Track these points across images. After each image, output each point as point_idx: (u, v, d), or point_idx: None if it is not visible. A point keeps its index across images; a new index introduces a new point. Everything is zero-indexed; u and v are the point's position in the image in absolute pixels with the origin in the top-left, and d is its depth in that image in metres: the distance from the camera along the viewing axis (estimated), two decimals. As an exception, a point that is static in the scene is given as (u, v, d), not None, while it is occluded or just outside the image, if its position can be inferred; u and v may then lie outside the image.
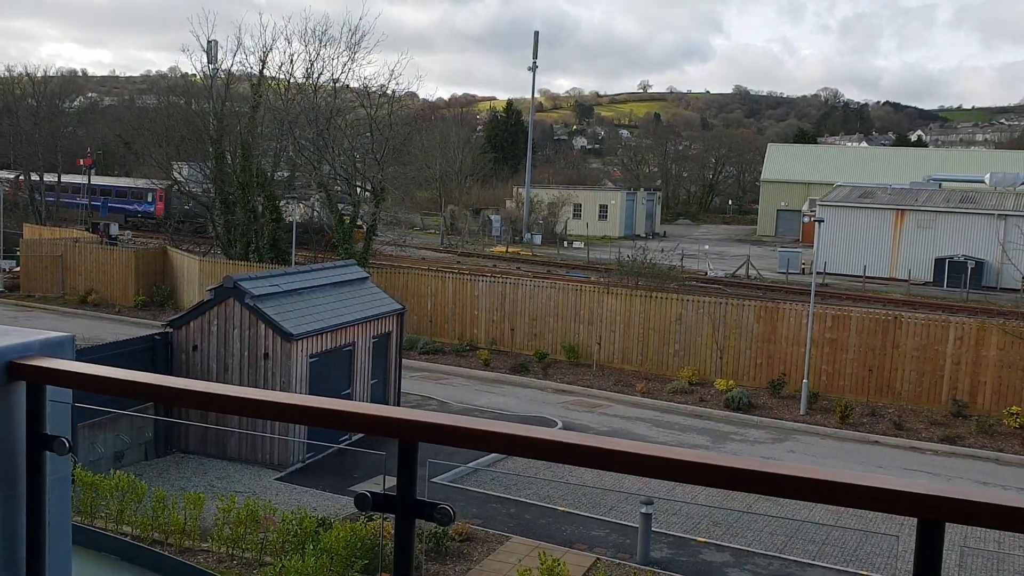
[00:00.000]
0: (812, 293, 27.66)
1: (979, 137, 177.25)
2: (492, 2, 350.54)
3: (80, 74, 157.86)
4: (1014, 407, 25.23)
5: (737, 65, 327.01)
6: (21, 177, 62.33)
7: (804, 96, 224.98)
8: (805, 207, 75.09)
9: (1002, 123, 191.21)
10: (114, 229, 50.52)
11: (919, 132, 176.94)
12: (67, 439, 2.00)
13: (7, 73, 71.01)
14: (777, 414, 26.34)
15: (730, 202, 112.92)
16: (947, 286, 50.95)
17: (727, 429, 25.09)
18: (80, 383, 2.00)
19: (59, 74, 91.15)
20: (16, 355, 1.97)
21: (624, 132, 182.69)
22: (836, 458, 22.87)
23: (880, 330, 27.77)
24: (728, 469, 1.47)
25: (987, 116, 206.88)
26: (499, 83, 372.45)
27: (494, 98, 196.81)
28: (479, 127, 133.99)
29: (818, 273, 33.62)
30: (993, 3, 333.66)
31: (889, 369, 27.60)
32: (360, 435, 17.74)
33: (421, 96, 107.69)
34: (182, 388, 1.92)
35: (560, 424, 24.18)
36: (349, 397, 20.87)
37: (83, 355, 17.87)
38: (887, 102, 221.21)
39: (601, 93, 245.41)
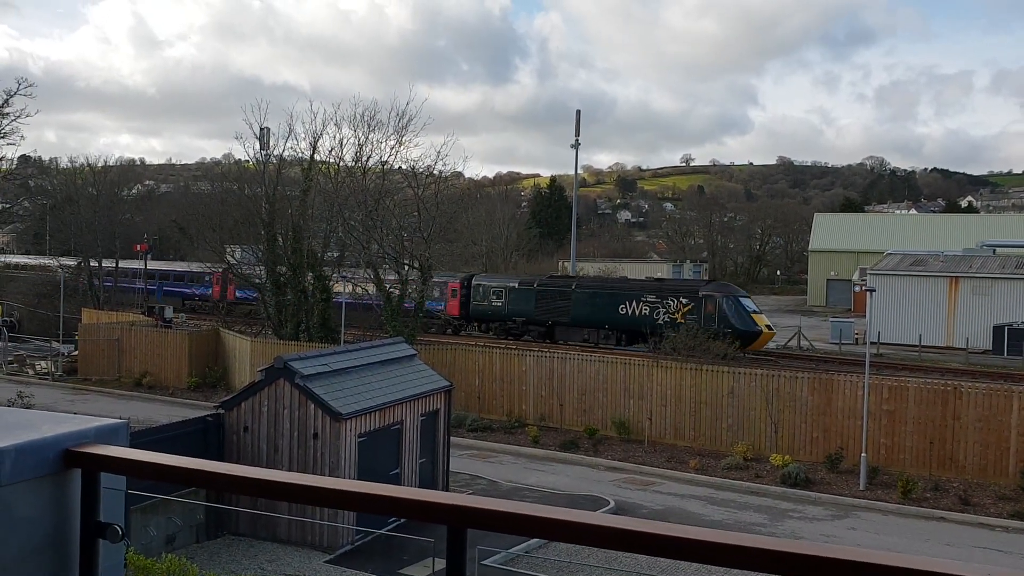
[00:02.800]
0: (867, 363, 27.04)
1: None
2: (529, 83, 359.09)
3: (138, 163, 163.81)
4: (1087, 480, 24.16)
5: (776, 136, 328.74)
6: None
7: (849, 165, 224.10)
8: (855, 276, 74.05)
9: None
10: (168, 312, 51.62)
11: (969, 198, 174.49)
12: (120, 526, 2.01)
13: (70, 164, 74.01)
14: (836, 490, 25.53)
15: (778, 272, 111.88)
16: (1008, 354, 49.43)
17: (784, 506, 24.35)
18: (134, 470, 2.02)
19: (118, 163, 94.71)
20: (72, 443, 2.00)
21: (668, 205, 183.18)
22: (900, 536, 22.01)
23: (939, 401, 26.96)
24: (795, 556, 1.41)
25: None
26: (540, 160, 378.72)
27: (538, 175, 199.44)
28: (523, 203, 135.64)
29: (872, 343, 32.98)
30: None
31: (951, 441, 26.69)
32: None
33: (467, 175, 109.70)
34: (234, 475, 1.93)
35: (612, 503, 23.71)
36: (398, 477, 20.76)
37: (137, 438, 18.09)
38: (935, 169, 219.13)
39: (643, 167, 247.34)
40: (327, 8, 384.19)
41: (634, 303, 45.73)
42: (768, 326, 45.21)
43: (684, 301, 44.23)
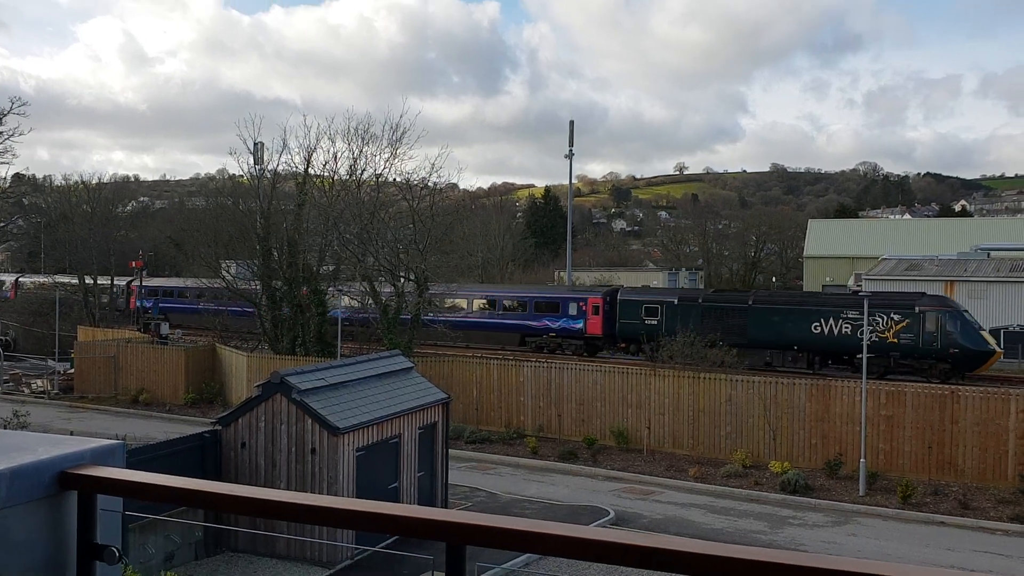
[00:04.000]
0: (864, 369, 27.07)
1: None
2: (520, 94, 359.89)
3: (133, 179, 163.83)
4: (1086, 482, 24.17)
5: (767, 143, 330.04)
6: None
7: (842, 171, 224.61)
8: (851, 282, 74.17)
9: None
10: (164, 328, 51.51)
11: (963, 202, 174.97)
12: (117, 548, 2.00)
13: (64, 181, 74.02)
14: (836, 496, 25.50)
15: (774, 279, 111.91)
16: (1004, 357, 49.52)
17: (785, 513, 24.31)
18: (130, 491, 2.01)
19: (113, 180, 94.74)
20: (68, 465, 1.99)
21: (663, 213, 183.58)
22: (901, 541, 21.97)
23: (937, 405, 26.98)
24: (784, 567, 1.41)
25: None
26: (533, 171, 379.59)
27: (532, 185, 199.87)
28: (519, 214, 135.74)
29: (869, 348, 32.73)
30: (1018, 71, 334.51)
31: (950, 446, 26.70)
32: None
33: (462, 187, 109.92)
34: (232, 495, 1.92)
35: (612, 513, 23.65)
36: (396, 491, 20.69)
37: (133, 455, 18.03)
38: (928, 173, 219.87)
39: (637, 176, 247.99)
40: (316, 23, 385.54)
41: (831, 320, 40.94)
42: (997, 345, 41.88)
43: (896, 317, 39.64)
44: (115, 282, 64.61)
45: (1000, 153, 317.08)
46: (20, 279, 71.87)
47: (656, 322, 44.76)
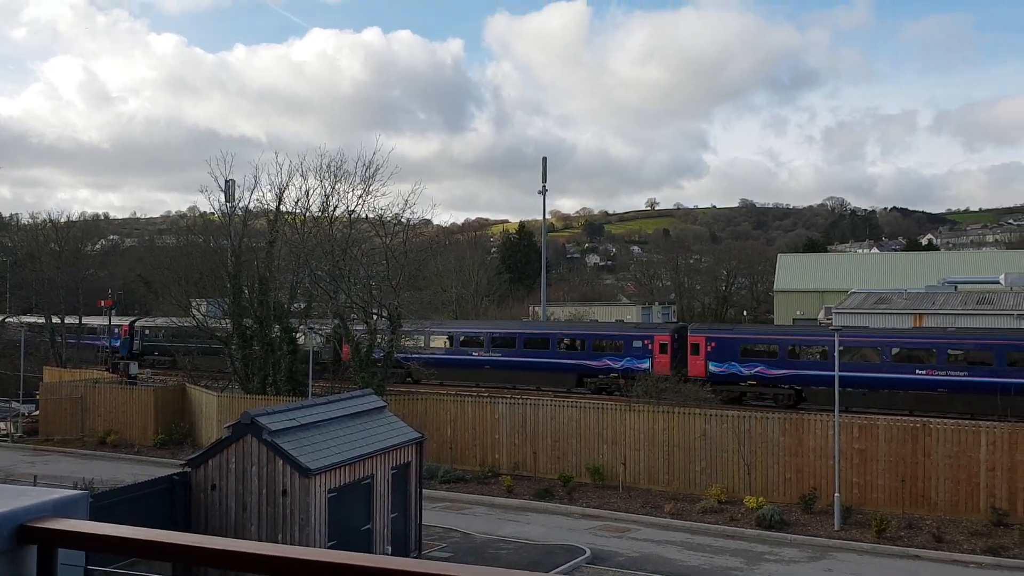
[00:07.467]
0: (836, 402, 27.21)
1: (989, 238, 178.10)
2: (486, 131, 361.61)
3: (102, 217, 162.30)
4: (1057, 513, 24.34)
5: (732, 179, 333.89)
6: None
7: (810, 206, 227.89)
8: (821, 315, 74.88)
9: (1010, 223, 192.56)
10: (133, 368, 50.79)
11: (929, 235, 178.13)
12: (77, 605, 1.92)
13: (31, 220, 73.21)
14: (811, 531, 25.48)
15: (745, 313, 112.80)
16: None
17: (761, 549, 24.23)
18: (92, 544, 1.93)
19: (81, 219, 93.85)
20: (28, 517, 1.91)
21: (635, 248, 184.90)
22: (877, 575, 21.95)
23: (909, 438, 27.15)
24: None
25: (994, 217, 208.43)
26: (502, 207, 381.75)
27: (506, 220, 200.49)
28: (493, 249, 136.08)
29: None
30: (969, 108, 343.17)
31: (922, 479, 26.83)
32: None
33: (435, 222, 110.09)
34: (199, 546, 1.85)
35: (588, 552, 23.45)
36: (369, 533, 20.39)
37: (99, 499, 17.63)
38: (895, 208, 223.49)
39: (609, 211, 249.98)
40: (279, 61, 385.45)
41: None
42: None
43: None
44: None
45: (959, 188, 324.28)
46: None
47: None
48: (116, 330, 63.70)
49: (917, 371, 38.66)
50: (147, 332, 60.43)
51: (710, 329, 46.17)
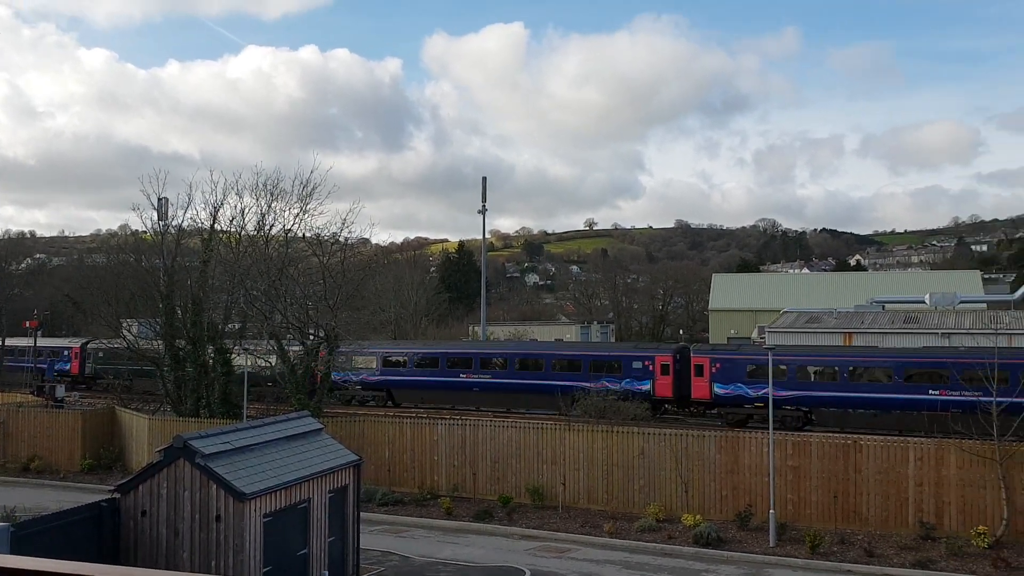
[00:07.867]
0: (771, 420, 27.70)
1: (914, 259, 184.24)
2: (425, 150, 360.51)
3: (28, 235, 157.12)
4: (980, 527, 25.10)
5: (667, 200, 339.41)
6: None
7: (743, 227, 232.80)
8: (755, 334, 76.31)
9: (934, 244, 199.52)
10: (60, 391, 49.15)
11: (857, 256, 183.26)
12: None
13: (-48, 238, 70.62)
14: (747, 547, 25.82)
15: (681, 331, 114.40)
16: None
17: (698, 567, 24.46)
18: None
19: (7, 237, 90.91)
20: None
21: (574, 268, 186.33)
22: (811, 591, 22.30)
23: (841, 455, 27.74)
24: None
25: (919, 239, 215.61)
26: (442, 226, 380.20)
27: (446, 240, 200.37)
28: (432, 268, 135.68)
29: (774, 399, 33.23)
30: (892, 133, 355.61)
31: (854, 495, 27.43)
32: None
33: (374, 241, 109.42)
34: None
35: (528, 573, 23.39)
36: (306, 557, 20.02)
37: (22, 528, 16.95)
38: (824, 229, 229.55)
39: (548, 231, 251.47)
40: (214, 78, 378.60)
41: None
42: None
43: None
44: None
45: (885, 210, 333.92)
46: None
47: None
48: (65, 352, 61.43)
49: (930, 391, 37.63)
50: (100, 355, 57.25)
51: (713, 350, 45.37)
